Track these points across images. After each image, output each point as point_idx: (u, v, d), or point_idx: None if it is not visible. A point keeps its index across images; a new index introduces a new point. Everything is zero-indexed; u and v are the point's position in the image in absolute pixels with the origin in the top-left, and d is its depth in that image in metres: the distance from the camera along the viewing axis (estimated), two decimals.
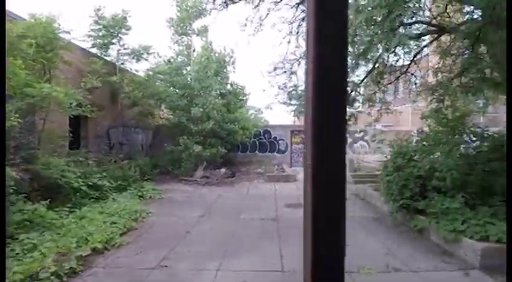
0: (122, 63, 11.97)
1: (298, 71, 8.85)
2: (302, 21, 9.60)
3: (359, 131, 17.01)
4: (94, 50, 11.15)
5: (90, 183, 7.26)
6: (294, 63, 8.70)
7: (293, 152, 16.11)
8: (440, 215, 4.90)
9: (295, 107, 11.59)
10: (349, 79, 8.18)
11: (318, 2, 0.86)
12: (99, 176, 7.80)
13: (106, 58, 11.30)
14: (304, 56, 9.55)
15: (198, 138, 11.86)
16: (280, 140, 16.08)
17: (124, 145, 12.58)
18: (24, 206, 5.18)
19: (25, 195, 5.48)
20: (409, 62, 9.19)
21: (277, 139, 16.07)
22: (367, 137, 17.38)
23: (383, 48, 5.09)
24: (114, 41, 11.40)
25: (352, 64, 6.64)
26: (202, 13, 12.50)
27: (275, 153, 16.01)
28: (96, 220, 5.65)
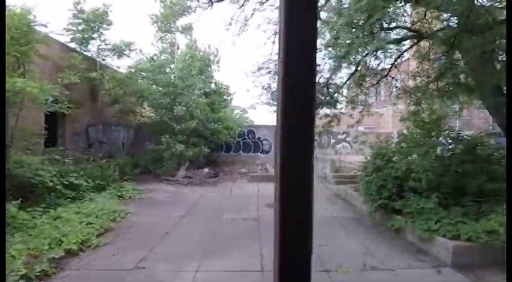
0: (103, 59, 11.65)
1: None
2: None
3: (342, 133, 17.32)
4: (73, 45, 10.77)
5: (66, 182, 7.00)
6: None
7: (277, 152, 16.17)
8: (415, 215, 5.06)
9: None
10: (332, 81, 8.31)
11: (289, 6, 0.88)
12: (76, 175, 7.54)
13: (86, 53, 10.94)
14: None
15: (181, 137, 11.70)
16: (264, 140, 16.12)
17: (104, 143, 12.25)
18: None
19: None
20: (390, 66, 9.46)
21: (261, 139, 16.11)
22: (349, 139, 17.72)
23: (362, 51, 5.21)
24: (94, 36, 11.08)
25: (335, 66, 6.74)
26: (186, 10, 12.33)
27: (259, 153, 16.04)
28: (71, 220, 5.45)
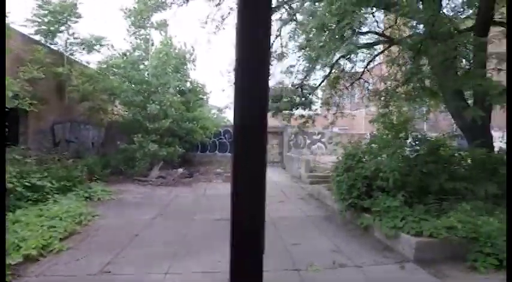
0: (71, 53, 11.07)
1: None
2: None
3: (317, 133, 17.67)
4: (38, 38, 10.15)
5: (27, 183, 6.56)
6: None
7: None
8: (383, 213, 5.25)
9: None
10: (306, 82, 8.46)
11: (243, 6, 0.87)
12: (39, 176, 7.09)
13: (52, 47, 10.36)
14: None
15: (155, 136, 11.38)
16: None
17: (72, 142, 11.64)
18: None
19: None
20: (363, 69, 9.80)
21: None
22: (324, 139, 18.11)
23: (334, 54, 5.33)
24: (62, 29, 10.49)
25: (308, 68, 6.86)
26: (161, 6, 12.04)
27: None
28: (32, 224, 5.11)
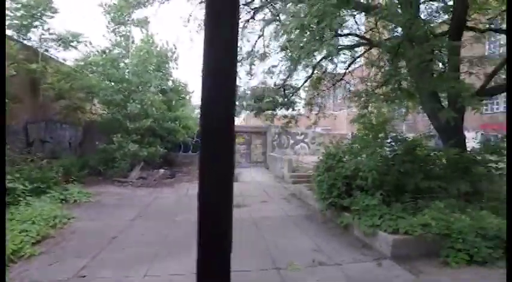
0: (46, 50, 10.65)
1: (240, 72, 8.92)
2: (247, 22, 9.72)
3: (300, 133, 17.83)
4: (10, 33, 9.69)
5: None
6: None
7: (236, 152, 16.18)
8: (361, 212, 5.37)
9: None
10: (288, 83, 8.52)
11: (211, 6, 0.87)
12: (10, 178, 6.77)
13: (25, 42, 9.92)
14: (246, 57, 9.62)
15: (135, 136, 11.12)
16: None
17: (47, 142, 11.18)
18: None
19: None
20: (344, 70, 9.98)
21: None
22: (307, 139, 18.31)
23: (314, 55, 5.40)
24: (36, 24, 10.06)
25: (290, 68, 6.90)
26: (142, 3, 11.78)
27: None
28: None
